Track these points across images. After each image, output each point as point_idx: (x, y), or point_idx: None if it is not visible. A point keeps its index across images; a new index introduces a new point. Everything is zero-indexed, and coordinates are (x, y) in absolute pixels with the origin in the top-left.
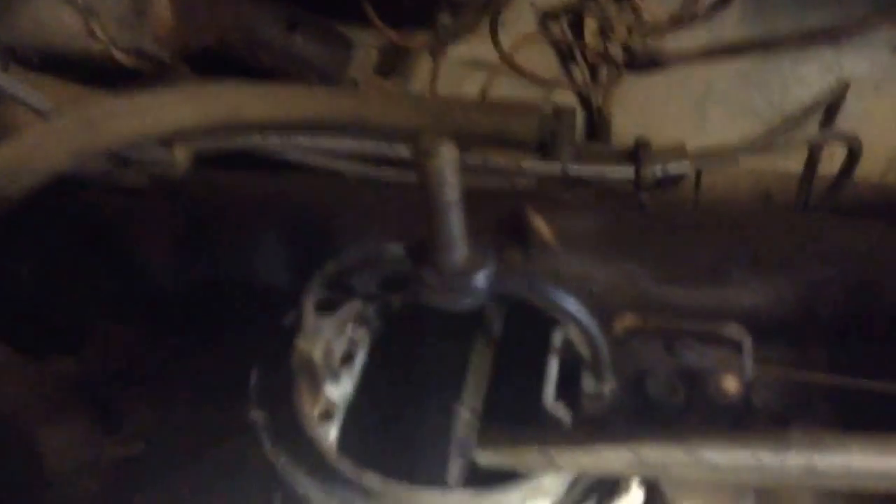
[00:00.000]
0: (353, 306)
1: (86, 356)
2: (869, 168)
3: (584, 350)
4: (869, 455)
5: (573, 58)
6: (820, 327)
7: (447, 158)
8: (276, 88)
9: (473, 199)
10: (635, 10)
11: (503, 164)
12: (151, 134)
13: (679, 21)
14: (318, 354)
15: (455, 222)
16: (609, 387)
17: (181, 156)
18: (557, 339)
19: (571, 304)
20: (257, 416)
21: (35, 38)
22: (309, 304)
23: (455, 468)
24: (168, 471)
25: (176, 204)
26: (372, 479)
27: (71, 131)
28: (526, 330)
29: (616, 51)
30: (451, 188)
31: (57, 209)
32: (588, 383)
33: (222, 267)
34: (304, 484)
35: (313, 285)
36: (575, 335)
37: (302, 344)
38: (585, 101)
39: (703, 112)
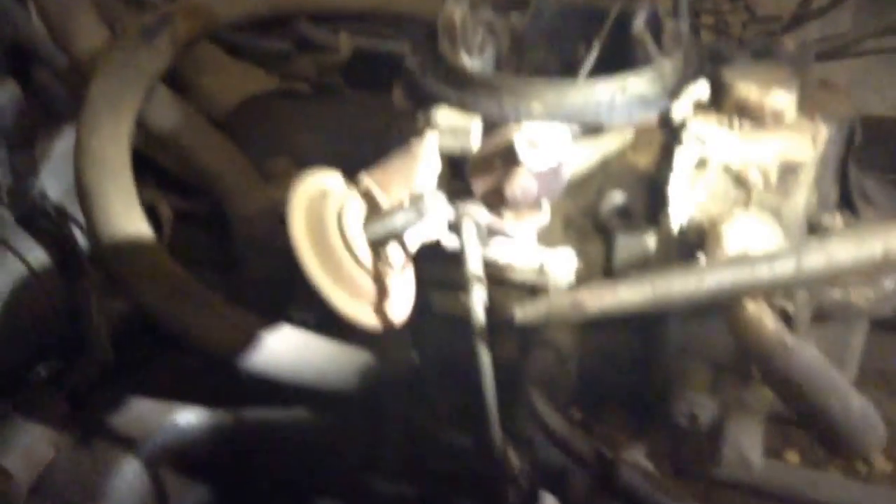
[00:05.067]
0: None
1: None
2: None
3: None
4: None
5: None
6: None
7: None
8: None
9: None
10: (749, 7)
11: None
12: None
13: (794, 17)
14: (458, 16)
15: None
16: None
17: (345, 44)
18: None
19: None
20: (413, 61)
21: None
22: None
23: None
24: None
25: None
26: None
27: None
28: None
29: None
30: None
31: None
32: None
33: None
34: (442, 88)
35: None
36: None
37: (450, 5)
38: None
39: None
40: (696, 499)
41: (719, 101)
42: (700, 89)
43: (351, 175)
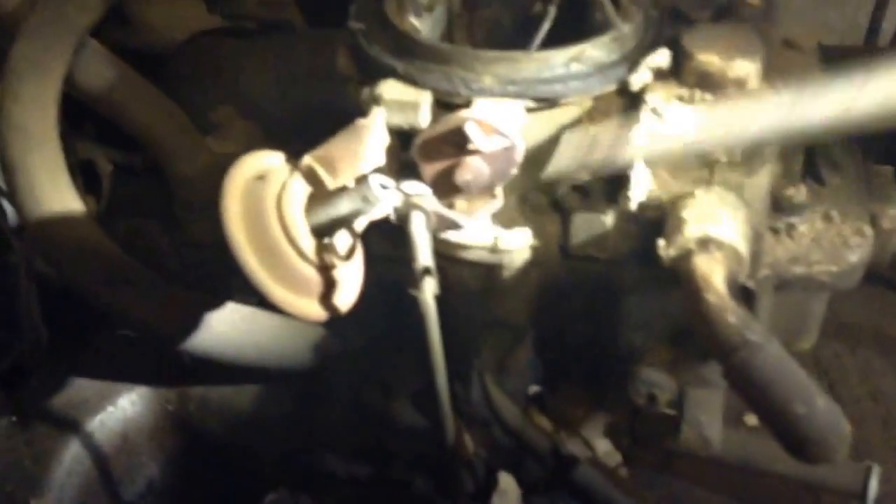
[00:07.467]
0: None
1: None
2: None
3: None
4: None
5: None
6: None
7: None
8: None
9: None
10: None
11: None
12: None
13: None
14: None
15: None
16: None
17: None
18: None
19: None
20: (356, 25)
21: None
22: None
23: None
24: None
25: None
26: (444, 46)
27: None
28: None
29: None
30: None
31: None
32: None
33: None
34: (389, 58)
35: None
36: None
37: None
38: None
39: None
40: (655, 466)
41: (680, 69)
42: (660, 58)
43: (297, 128)
